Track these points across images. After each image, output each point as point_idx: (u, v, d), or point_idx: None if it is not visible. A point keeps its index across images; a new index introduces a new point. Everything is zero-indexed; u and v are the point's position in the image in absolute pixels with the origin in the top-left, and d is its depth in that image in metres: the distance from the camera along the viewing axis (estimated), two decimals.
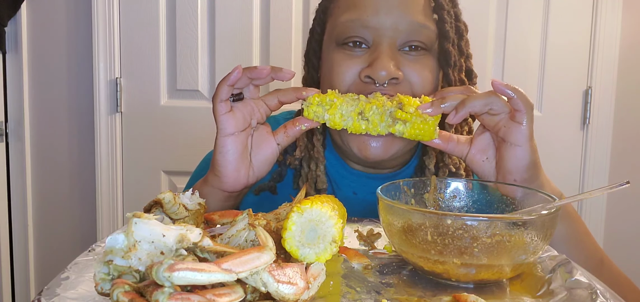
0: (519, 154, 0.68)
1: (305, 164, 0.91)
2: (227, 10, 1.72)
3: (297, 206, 0.52)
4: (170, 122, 1.76)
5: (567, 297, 0.51)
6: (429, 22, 0.81)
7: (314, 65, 0.91)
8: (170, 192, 0.57)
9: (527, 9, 1.72)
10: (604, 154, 1.77)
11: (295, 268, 0.47)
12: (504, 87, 0.67)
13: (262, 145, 0.76)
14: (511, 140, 0.68)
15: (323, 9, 0.90)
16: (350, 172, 0.92)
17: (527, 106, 0.67)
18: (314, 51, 0.90)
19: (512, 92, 0.67)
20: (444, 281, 0.56)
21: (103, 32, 1.71)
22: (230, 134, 0.72)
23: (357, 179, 0.91)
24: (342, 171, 0.92)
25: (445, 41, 0.81)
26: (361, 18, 0.80)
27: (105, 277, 0.44)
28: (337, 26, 0.83)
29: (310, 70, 0.92)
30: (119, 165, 1.79)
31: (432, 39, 0.81)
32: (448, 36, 0.82)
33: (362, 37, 0.80)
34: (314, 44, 0.91)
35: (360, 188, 0.91)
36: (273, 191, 0.91)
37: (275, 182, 0.91)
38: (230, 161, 0.73)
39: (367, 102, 0.72)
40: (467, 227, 0.53)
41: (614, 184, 0.61)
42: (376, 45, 0.80)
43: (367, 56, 0.80)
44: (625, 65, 1.75)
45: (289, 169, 0.92)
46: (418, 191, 0.69)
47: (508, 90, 0.67)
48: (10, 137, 1.80)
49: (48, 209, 1.84)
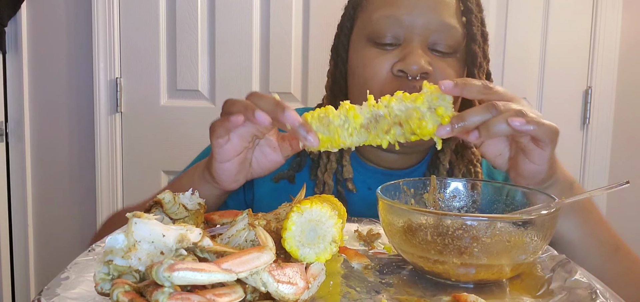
0: (536, 169, 0.66)
1: (325, 154, 0.91)
2: (227, 10, 1.72)
3: (297, 206, 0.52)
4: (170, 122, 1.76)
5: (567, 297, 0.51)
6: (458, 25, 0.83)
7: (343, 60, 0.92)
8: (170, 192, 0.57)
9: (527, 9, 1.72)
10: (604, 154, 1.77)
11: (295, 268, 0.47)
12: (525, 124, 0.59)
13: (267, 155, 0.72)
14: (530, 158, 0.65)
15: (354, 4, 0.91)
16: (365, 168, 0.93)
17: (551, 138, 0.62)
18: (343, 45, 0.91)
19: (533, 126, 0.60)
20: (443, 281, 0.56)
21: (103, 32, 1.71)
22: (226, 161, 0.69)
23: (373, 176, 0.93)
24: (357, 166, 0.93)
25: (472, 43, 0.84)
26: (396, 14, 0.82)
27: (105, 277, 0.44)
28: (371, 22, 0.84)
29: (338, 64, 0.92)
30: (119, 165, 1.79)
31: (459, 41, 0.84)
32: (475, 38, 0.84)
33: (394, 34, 0.83)
34: (343, 38, 0.92)
35: (375, 184, 0.91)
36: (291, 180, 0.91)
37: (294, 171, 0.91)
38: (227, 175, 0.70)
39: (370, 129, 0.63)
40: (467, 227, 0.53)
41: (614, 184, 0.61)
42: (408, 42, 0.82)
43: (398, 52, 0.83)
44: (625, 65, 1.75)
45: (307, 157, 0.93)
46: (418, 191, 0.69)
47: (528, 127, 0.59)
48: (10, 137, 1.80)
49: (48, 209, 1.84)
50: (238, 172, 0.71)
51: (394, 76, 0.82)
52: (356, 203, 0.91)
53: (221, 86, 1.75)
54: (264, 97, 0.63)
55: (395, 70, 0.81)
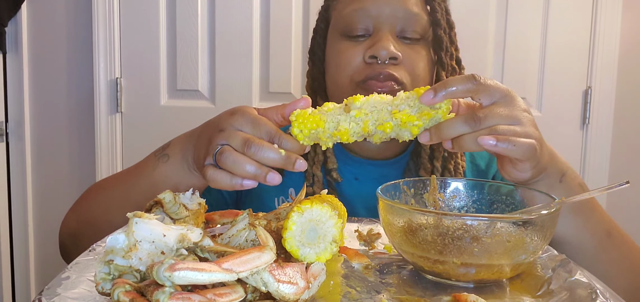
0: (520, 176, 0.65)
1: (312, 148, 0.94)
2: (227, 10, 1.72)
3: (297, 206, 0.52)
4: (170, 122, 1.76)
5: (567, 297, 0.51)
6: (422, 13, 0.90)
7: (320, 58, 0.98)
8: (170, 192, 0.57)
9: (527, 9, 1.72)
10: (603, 154, 1.77)
11: (296, 268, 0.47)
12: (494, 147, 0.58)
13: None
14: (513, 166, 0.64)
15: (326, 7, 0.98)
16: (351, 159, 0.97)
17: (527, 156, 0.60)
18: (319, 45, 0.98)
19: (505, 146, 0.58)
20: (444, 281, 0.56)
21: (103, 32, 1.72)
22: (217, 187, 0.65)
23: (359, 166, 0.96)
24: (343, 157, 0.97)
25: (437, 28, 0.91)
26: (364, 7, 0.89)
27: (105, 277, 0.44)
28: (342, 17, 0.91)
29: (316, 63, 0.98)
30: (119, 165, 1.79)
31: (426, 28, 0.90)
32: (440, 24, 0.91)
33: (364, 26, 0.89)
34: (318, 39, 0.98)
35: (362, 174, 0.96)
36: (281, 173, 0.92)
37: None
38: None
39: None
40: (467, 227, 0.53)
41: (614, 184, 0.61)
42: (377, 31, 0.88)
43: (369, 41, 0.89)
44: (625, 65, 1.75)
45: None
46: (418, 191, 0.69)
47: (498, 148, 0.58)
48: (10, 137, 1.80)
49: (48, 209, 1.84)
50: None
51: (366, 64, 0.87)
52: (345, 193, 0.94)
53: (221, 86, 1.75)
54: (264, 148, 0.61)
55: (367, 57, 0.87)
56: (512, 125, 0.60)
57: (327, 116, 0.61)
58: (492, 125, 0.59)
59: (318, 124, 0.60)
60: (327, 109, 0.61)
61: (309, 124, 0.60)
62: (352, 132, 0.61)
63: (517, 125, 0.60)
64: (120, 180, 0.86)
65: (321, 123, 0.61)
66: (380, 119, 0.60)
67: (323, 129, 0.61)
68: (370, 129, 0.60)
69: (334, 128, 0.61)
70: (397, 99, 0.61)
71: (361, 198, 0.93)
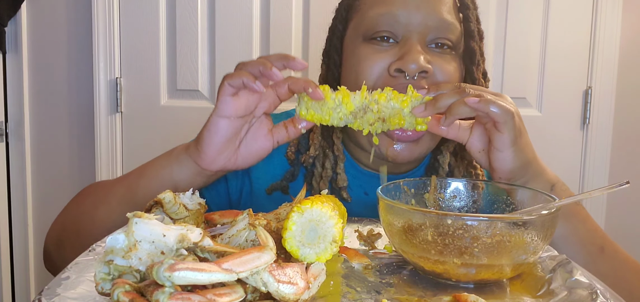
0: (502, 157, 0.69)
1: (319, 164, 0.89)
2: (227, 10, 1.72)
3: (297, 206, 0.52)
4: (170, 122, 1.76)
5: (568, 297, 0.51)
6: (456, 21, 0.83)
7: (335, 62, 0.89)
8: (170, 192, 0.57)
9: (527, 9, 1.72)
10: (604, 154, 1.77)
11: (296, 268, 0.47)
12: (478, 103, 0.65)
13: (258, 139, 0.73)
14: (494, 144, 0.69)
15: (346, 6, 0.90)
16: (361, 172, 0.92)
17: (506, 116, 0.66)
18: (335, 48, 0.89)
19: (485, 105, 0.65)
20: (444, 281, 0.56)
21: (103, 32, 1.71)
22: (226, 117, 0.69)
23: (369, 180, 0.91)
24: (353, 171, 0.92)
25: (470, 40, 0.83)
26: (391, 12, 0.81)
27: (105, 277, 0.44)
28: (365, 21, 0.83)
29: (330, 68, 0.90)
30: (118, 165, 1.79)
31: (458, 38, 0.83)
32: (473, 35, 0.84)
33: (391, 32, 0.81)
34: (335, 41, 0.90)
35: (372, 189, 0.91)
36: (285, 191, 0.90)
37: (287, 181, 0.90)
38: (216, 142, 0.70)
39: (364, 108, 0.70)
40: (467, 227, 0.53)
41: (614, 184, 0.61)
42: (406, 40, 0.80)
43: (396, 50, 0.81)
44: (625, 65, 1.75)
45: (301, 167, 0.91)
46: (418, 191, 0.69)
47: (482, 105, 0.65)
48: (10, 137, 1.80)
49: (48, 210, 1.84)
50: (225, 145, 0.71)
51: (391, 76, 0.80)
52: (353, 207, 0.89)
53: None
54: (271, 55, 0.67)
55: (393, 70, 0.79)
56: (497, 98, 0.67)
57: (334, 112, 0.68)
58: (479, 93, 0.66)
59: (322, 119, 0.68)
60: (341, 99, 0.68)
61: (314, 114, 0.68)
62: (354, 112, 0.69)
63: (501, 99, 0.67)
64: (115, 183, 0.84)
65: (327, 119, 0.67)
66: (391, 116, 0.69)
67: (327, 121, 0.68)
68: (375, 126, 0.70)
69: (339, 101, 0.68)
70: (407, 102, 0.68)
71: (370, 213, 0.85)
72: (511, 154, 0.68)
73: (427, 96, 0.68)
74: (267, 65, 0.65)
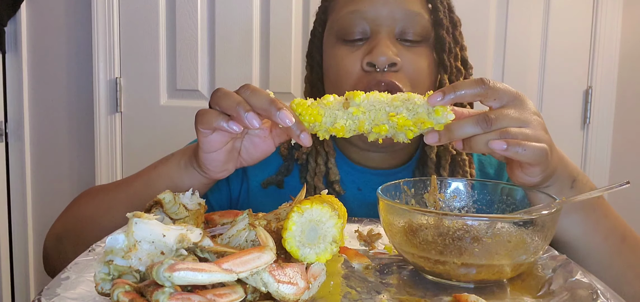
0: (529, 180, 0.64)
1: (312, 159, 0.91)
2: (227, 10, 1.72)
3: (297, 206, 0.52)
4: (170, 122, 1.75)
5: (568, 297, 0.51)
6: (423, 11, 0.85)
7: (318, 62, 0.93)
8: (170, 192, 0.57)
9: (527, 9, 1.72)
10: (604, 154, 1.77)
11: (296, 268, 0.47)
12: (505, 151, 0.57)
13: (258, 145, 0.71)
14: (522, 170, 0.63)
15: (323, 9, 0.94)
16: (354, 168, 0.93)
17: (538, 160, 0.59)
18: (317, 49, 0.93)
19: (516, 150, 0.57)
20: (444, 281, 0.56)
21: (103, 32, 1.71)
22: (213, 151, 0.67)
23: (361, 176, 0.93)
24: (346, 168, 0.93)
25: (439, 28, 0.85)
26: (360, 9, 0.83)
27: (105, 277, 0.44)
28: (338, 20, 0.86)
29: (314, 68, 0.94)
30: (118, 165, 1.79)
31: (428, 29, 0.85)
32: (442, 23, 0.85)
33: (361, 29, 0.84)
34: (316, 42, 0.94)
35: (365, 185, 0.92)
36: (280, 185, 0.91)
37: (282, 176, 0.91)
38: (216, 165, 0.69)
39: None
40: (467, 227, 0.53)
41: (614, 184, 0.61)
42: (375, 34, 0.83)
43: (366, 46, 0.83)
44: (625, 65, 1.75)
45: (295, 163, 0.93)
46: (418, 191, 0.69)
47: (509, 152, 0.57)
48: (10, 137, 1.80)
49: (48, 209, 1.84)
50: (227, 161, 0.70)
51: (364, 72, 0.82)
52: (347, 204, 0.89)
53: (221, 86, 1.74)
54: (257, 93, 0.60)
55: (365, 64, 0.82)
56: (523, 128, 0.59)
57: (326, 110, 0.61)
58: (503, 127, 0.58)
59: (316, 118, 0.61)
60: (326, 103, 0.61)
61: (307, 115, 0.61)
62: (348, 128, 0.61)
63: (527, 128, 0.59)
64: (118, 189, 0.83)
65: (319, 117, 0.61)
66: (377, 120, 0.60)
67: (320, 123, 0.61)
68: (366, 128, 0.60)
69: (331, 124, 0.61)
70: (396, 100, 0.60)
71: (364, 209, 0.87)
72: (539, 177, 0.63)
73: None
74: (245, 108, 0.59)
